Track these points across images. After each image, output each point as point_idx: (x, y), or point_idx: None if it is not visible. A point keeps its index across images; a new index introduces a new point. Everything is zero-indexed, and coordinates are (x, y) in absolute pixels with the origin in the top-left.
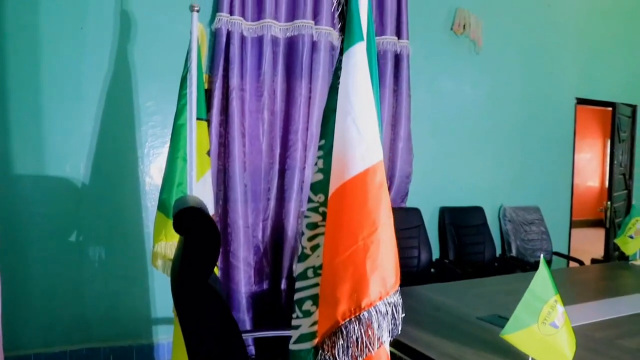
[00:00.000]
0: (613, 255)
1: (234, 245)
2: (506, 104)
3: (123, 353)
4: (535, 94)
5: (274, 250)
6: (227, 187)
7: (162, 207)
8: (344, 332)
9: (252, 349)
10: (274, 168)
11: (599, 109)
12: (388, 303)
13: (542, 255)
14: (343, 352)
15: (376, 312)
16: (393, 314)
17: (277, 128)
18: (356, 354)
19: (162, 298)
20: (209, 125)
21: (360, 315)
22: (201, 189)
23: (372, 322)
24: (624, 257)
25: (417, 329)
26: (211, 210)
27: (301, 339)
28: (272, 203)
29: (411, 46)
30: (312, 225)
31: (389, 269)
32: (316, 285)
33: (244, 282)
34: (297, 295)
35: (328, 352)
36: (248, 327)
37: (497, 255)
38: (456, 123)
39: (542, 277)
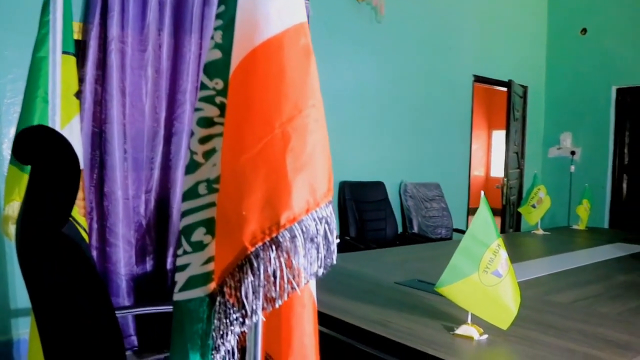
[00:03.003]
0: (508, 233)
1: (112, 220)
2: (407, 77)
3: None
4: (435, 69)
5: (158, 226)
6: (104, 152)
7: (14, 159)
8: (255, 264)
9: (134, 340)
10: (159, 133)
11: (485, 97)
12: (319, 218)
13: (482, 193)
14: (253, 293)
15: (302, 230)
16: (326, 233)
17: (163, 88)
18: (273, 295)
19: (23, 285)
20: (81, 82)
21: (279, 236)
22: (67, 138)
23: (296, 246)
24: None
25: (329, 294)
26: (80, 164)
27: (190, 283)
28: (157, 173)
29: (311, 8)
30: (206, 122)
31: (320, 170)
32: (211, 205)
33: (124, 263)
34: (184, 222)
35: (231, 297)
36: None
37: (399, 232)
38: (357, 94)
39: (482, 217)
